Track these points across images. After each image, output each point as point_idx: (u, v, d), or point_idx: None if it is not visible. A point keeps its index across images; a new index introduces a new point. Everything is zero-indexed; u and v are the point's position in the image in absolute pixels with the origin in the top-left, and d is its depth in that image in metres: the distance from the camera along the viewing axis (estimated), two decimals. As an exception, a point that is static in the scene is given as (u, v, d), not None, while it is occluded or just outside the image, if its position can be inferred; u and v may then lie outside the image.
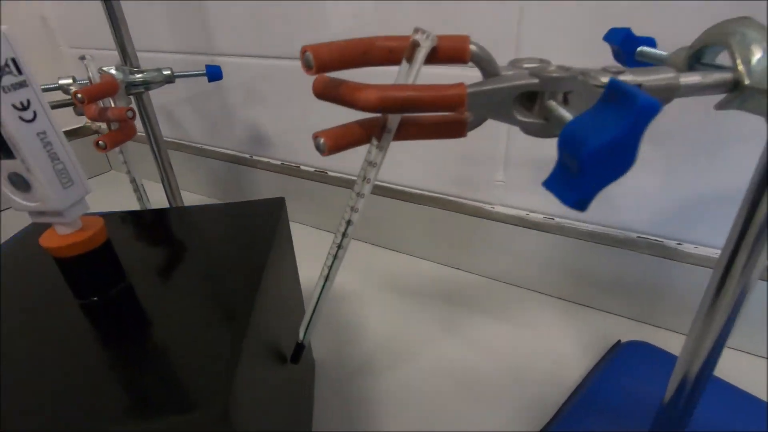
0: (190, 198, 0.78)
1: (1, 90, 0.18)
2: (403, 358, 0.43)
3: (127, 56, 0.50)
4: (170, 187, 0.57)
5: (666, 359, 0.39)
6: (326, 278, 0.25)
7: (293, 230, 0.36)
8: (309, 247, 0.47)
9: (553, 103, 0.17)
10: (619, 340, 0.42)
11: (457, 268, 0.56)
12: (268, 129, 0.64)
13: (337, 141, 0.20)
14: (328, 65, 0.18)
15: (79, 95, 0.31)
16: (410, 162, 0.54)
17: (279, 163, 0.66)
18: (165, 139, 0.53)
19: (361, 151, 0.21)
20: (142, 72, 0.49)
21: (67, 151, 0.21)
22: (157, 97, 0.51)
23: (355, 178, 0.21)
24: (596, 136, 0.13)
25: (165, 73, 0.50)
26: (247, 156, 0.69)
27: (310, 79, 0.20)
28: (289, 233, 0.35)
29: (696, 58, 0.23)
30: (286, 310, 0.32)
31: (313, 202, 0.65)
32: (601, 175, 0.13)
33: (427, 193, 0.54)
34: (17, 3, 0.76)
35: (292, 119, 0.61)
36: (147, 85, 0.49)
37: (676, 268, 0.41)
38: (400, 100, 0.18)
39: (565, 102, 0.18)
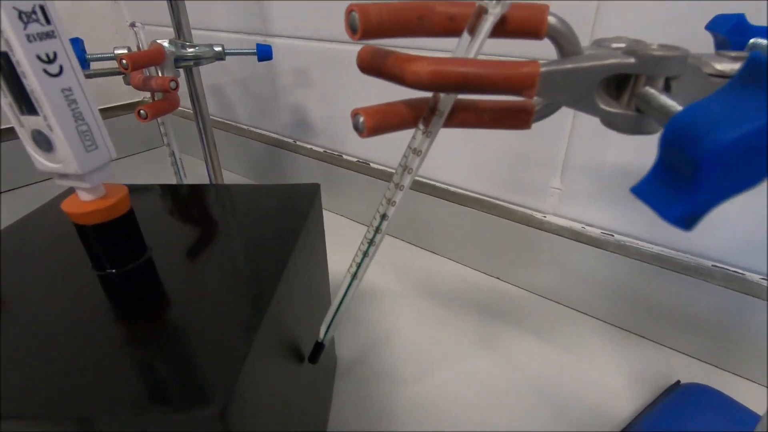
0: (231, 177, 0.79)
1: (26, 38, 0.17)
2: (431, 368, 0.40)
3: (180, 30, 0.50)
4: (212, 166, 0.57)
5: (732, 408, 0.34)
6: (354, 275, 0.23)
7: (330, 220, 0.34)
8: (344, 239, 0.45)
9: (651, 91, 0.14)
10: (679, 381, 0.37)
11: (498, 278, 0.52)
12: (314, 115, 0.63)
13: (378, 121, 0.17)
14: (376, 29, 0.16)
15: (124, 61, 0.31)
16: (455, 157, 0.50)
17: (322, 150, 0.64)
18: (211, 117, 0.53)
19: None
20: (193, 47, 0.48)
21: (94, 113, 0.20)
22: (207, 75, 0.51)
23: (393, 170, 0.19)
24: (729, 127, 0.09)
25: (216, 49, 0.49)
26: (291, 141, 0.68)
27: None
28: (321, 221, 0.33)
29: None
30: (310, 304, 0.30)
31: (352, 192, 0.63)
32: (726, 183, 0.10)
33: (471, 193, 0.51)
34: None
35: (340, 107, 0.59)
36: (197, 59, 0.49)
37: (758, 306, 0.36)
38: (457, 76, 0.16)
39: (667, 90, 0.14)
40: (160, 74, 0.38)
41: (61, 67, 0.18)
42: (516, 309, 0.47)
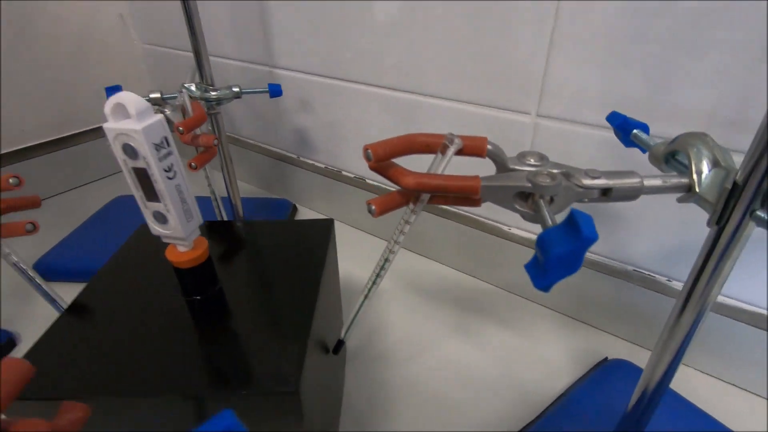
0: (242, 187, 0.88)
1: (157, 158, 0.27)
2: (419, 352, 0.51)
3: (204, 75, 0.58)
4: (229, 177, 0.65)
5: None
6: (365, 296, 0.33)
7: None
8: (344, 242, 0.55)
9: (541, 203, 0.24)
10: (606, 357, 0.49)
11: (473, 276, 0.63)
12: (315, 135, 0.72)
13: (383, 207, 0.27)
14: (383, 157, 0.26)
15: (181, 128, 0.40)
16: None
17: (323, 166, 0.74)
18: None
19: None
20: (216, 90, 0.57)
21: (190, 196, 0.30)
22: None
23: (391, 188, 0.27)
24: (556, 249, 0.20)
25: (234, 90, 0.58)
26: (294, 156, 0.77)
27: (359, 100, 0.27)
28: (335, 247, 0.43)
29: (671, 154, 0.29)
30: (330, 309, 0.41)
31: (351, 203, 0.73)
32: (559, 271, 0.20)
33: (458, 211, 0.61)
34: (100, 3, 0.86)
35: (340, 130, 0.68)
36: (219, 101, 0.58)
37: (664, 300, 0.47)
38: (431, 185, 0.26)
39: (551, 200, 0.25)
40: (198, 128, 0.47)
41: (175, 173, 0.28)
42: (487, 302, 0.59)
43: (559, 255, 0.20)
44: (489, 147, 0.26)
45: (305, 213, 0.80)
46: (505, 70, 0.47)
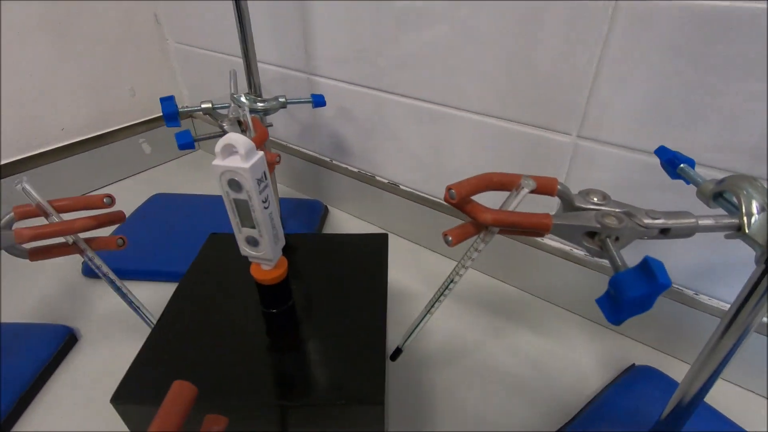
0: (278, 187, 0.91)
1: (257, 192, 0.29)
2: (456, 356, 0.55)
3: (253, 85, 0.61)
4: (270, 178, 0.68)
5: (669, 384, 0.49)
6: (428, 311, 0.36)
7: (364, 230, 0.46)
8: None
9: (608, 242, 0.27)
10: (634, 364, 0.52)
11: (504, 281, 0.66)
12: (350, 141, 0.75)
13: (459, 237, 0.30)
14: (464, 195, 0.29)
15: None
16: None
17: (356, 170, 0.76)
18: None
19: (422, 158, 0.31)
20: (264, 101, 0.59)
21: (278, 221, 0.33)
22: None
23: (423, 194, 0.29)
24: (631, 292, 0.23)
25: (281, 100, 0.61)
26: (328, 159, 0.80)
27: (396, 110, 0.29)
28: (387, 261, 0.46)
29: (720, 193, 0.32)
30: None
31: (384, 207, 0.75)
32: (632, 311, 0.23)
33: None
34: (136, 3, 0.88)
35: (375, 138, 0.71)
36: (266, 111, 0.60)
37: (691, 312, 0.50)
38: (507, 221, 0.29)
39: (617, 239, 0.28)
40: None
41: (269, 203, 0.31)
42: (518, 307, 0.62)
43: (634, 298, 0.23)
44: (559, 187, 0.29)
45: (336, 214, 0.82)
46: (549, 90, 0.49)
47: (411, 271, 0.68)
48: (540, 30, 0.47)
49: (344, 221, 0.81)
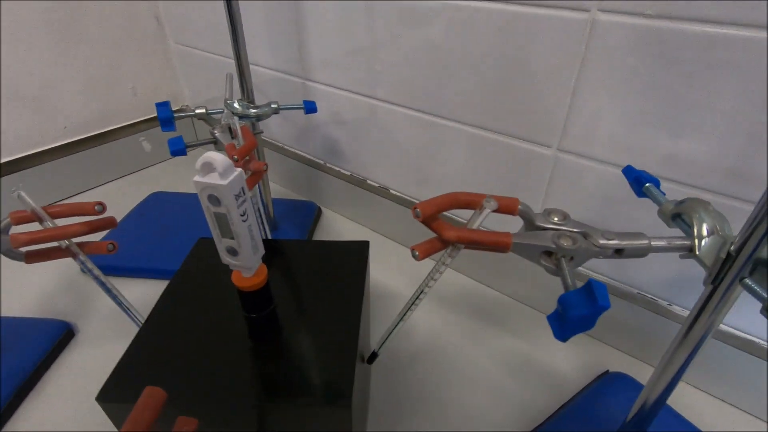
0: (272, 187, 0.92)
1: (236, 206, 0.31)
2: (436, 357, 0.57)
3: (246, 90, 0.62)
4: (262, 180, 0.70)
5: (640, 390, 0.50)
6: (401, 318, 0.38)
7: (356, 232, 0.47)
8: (370, 248, 0.58)
9: (563, 262, 0.29)
10: (608, 370, 0.54)
11: (488, 286, 0.68)
12: (343, 145, 0.76)
13: (426, 252, 0.32)
14: (430, 214, 0.30)
15: (236, 157, 0.44)
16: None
17: (349, 173, 0.78)
18: (266, 156, 0.66)
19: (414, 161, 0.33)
20: (257, 107, 0.61)
21: (257, 233, 0.34)
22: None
23: (410, 198, 0.31)
24: (575, 311, 0.24)
25: (273, 106, 0.62)
26: (322, 162, 0.81)
27: (387, 118, 0.31)
28: (368, 267, 0.48)
29: (678, 214, 0.33)
30: (365, 321, 0.46)
31: (374, 209, 0.77)
32: (575, 329, 0.25)
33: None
34: (138, 3, 0.89)
35: (367, 143, 0.72)
36: (258, 117, 0.62)
37: (664, 321, 0.52)
38: (468, 239, 0.30)
39: (572, 259, 0.29)
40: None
41: (247, 216, 0.33)
42: (499, 311, 0.64)
43: (577, 317, 0.24)
44: (520, 207, 0.31)
45: (330, 215, 0.84)
46: (530, 104, 0.51)
47: (399, 273, 0.70)
48: (523, 44, 0.48)
49: (337, 223, 0.83)
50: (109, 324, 0.60)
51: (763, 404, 0.49)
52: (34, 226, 0.38)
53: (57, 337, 0.56)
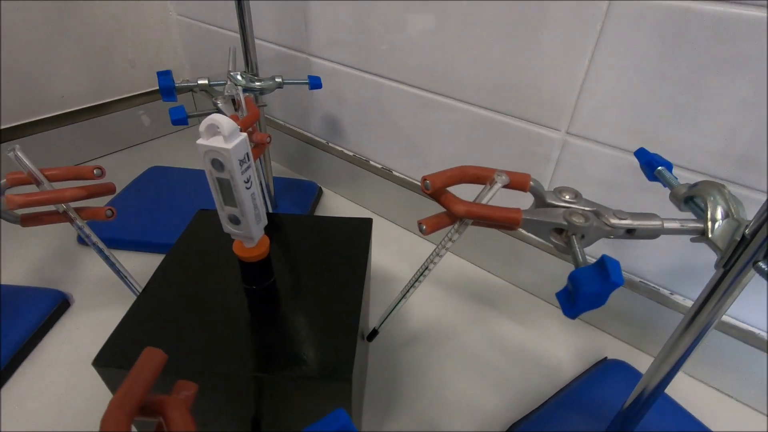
0: (273, 166, 0.91)
1: (240, 172, 0.30)
2: (436, 340, 0.56)
3: (249, 63, 0.61)
4: (263, 158, 0.69)
5: (637, 378, 0.50)
6: (403, 296, 0.37)
7: (357, 213, 0.47)
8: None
9: (573, 239, 0.28)
10: (606, 357, 0.54)
11: (491, 273, 0.67)
12: (346, 124, 0.75)
13: (433, 227, 0.31)
14: (439, 186, 0.29)
15: (239, 127, 0.43)
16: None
17: (351, 154, 0.77)
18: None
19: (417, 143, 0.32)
20: (260, 80, 0.60)
21: (260, 201, 0.34)
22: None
23: (414, 181, 0.30)
24: (586, 288, 0.24)
25: (277, 80, 0.61)
26: (324, 141, 0.80)
27: (391, 96, 0.30)
28: (370, 244, 0.47)
29: (691, 197, 0.33)
30: (365, 299, 0.45)
31: (376, 191, 0.76)
32: (586, 306, 0.24)
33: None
34: (140, -28, 0.87)
35: (370, 122, 0.71)
36: (262, 91, 0.60)
37: (665, 310, 0.52)
38: (478, 214, 0.30)
39: (582, 237, 0.29)
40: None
41: (251, 183, 0.32)
42: (500, 297, 0.63)
43: (588, 293, 0.24)
44: (531, 183, 0.30)
45: (330, 196, 0.83)
46: (540, 85, 0.50)
47: (400, 255, 0.69)
48: (536, 26, 0.47)
49: (338, 204, 0.82)
50: (105, 294, 0.60)
51: (761, 395, 0.49)
52: (31, 189, 0.37)
53: (52, 306, 0.56)
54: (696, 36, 0.39)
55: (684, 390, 0.51)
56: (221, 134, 0.29)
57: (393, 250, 0.70)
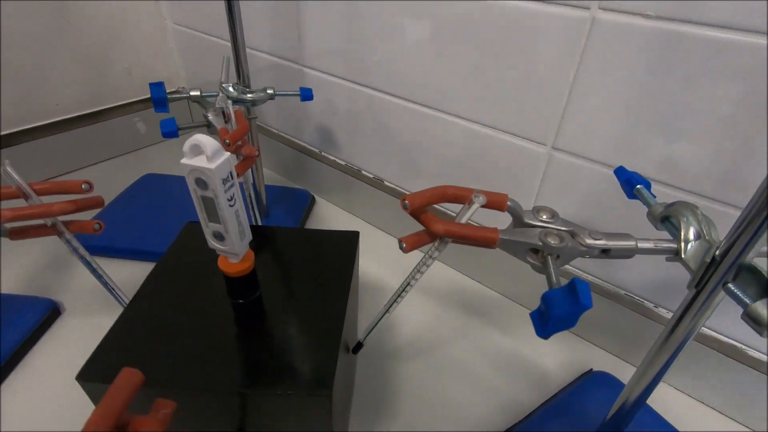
0: (265, 174, 0.92)
1: (223, 191, 0.31)
2: (424, 351, 0.57)
3: (241, 75, 0.61)
4: (256, 166, 0.69)
5: (620, 389, 0.51)
6: (387, 310, 0.38)
7: (349, 222, 0.47)
8: (361, 238, 0.58)
9: (549, 260, 0.29)
10: (591, 369, 0.55)
11: (481, 283, 0.68)
12: (338, 134, 0.76)
13: (413, 245, 0.32)
14: (418, 206, 0.30)
15: (227, 141, 0.44)
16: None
17: (343, 163, 0.78)
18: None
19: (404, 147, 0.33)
20: (252, 92, 0.60)
21: (244, 218, 0.34)
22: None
23: (404, 191, 0.31)
24: (557, 310, 0.24)
25: (269, 92, 0.61)
26: (317, 150, 0.81)
27: (383, 108, 0.30)
28: (358, 256, 0.48)
29: (666, 216, 0.33)
30: (351, 311, 0.46)
31: (368, 200, 0.77)
32: (557, 327, 0.25)
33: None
34: (137, -19, 0.88)
35: (362, 132, 0.72)
36: (254, 102, 0.61)
37: (650, 323, 0.52)
38: (457, 233, 0.30)
39: (558, 257, 0.29)
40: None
41: (235, 201, 0.32)
42: (489, 307, 0.64)
43: (559, 315, 0.24)
44: (509, 203, 0.31)
45: (323, 205, 0.84)
46: (527, 100, 0.50)
47: (391, 264, 0.70)
48: (522, 39, 0.48)
49: (330, 212, 0.82)
50: (96, 303, 0.60)
51: (742, 407, 0.50)
52: (20, 203, 0.37)
53: (43, 314, 0.56)
54: (680, 55, 0.40)
55: (668, 401, 0.52)
56: (204, 154, 0.29)
57: (384, 260, 0.71)
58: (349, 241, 0.46)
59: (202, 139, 0.29)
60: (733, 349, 0.48)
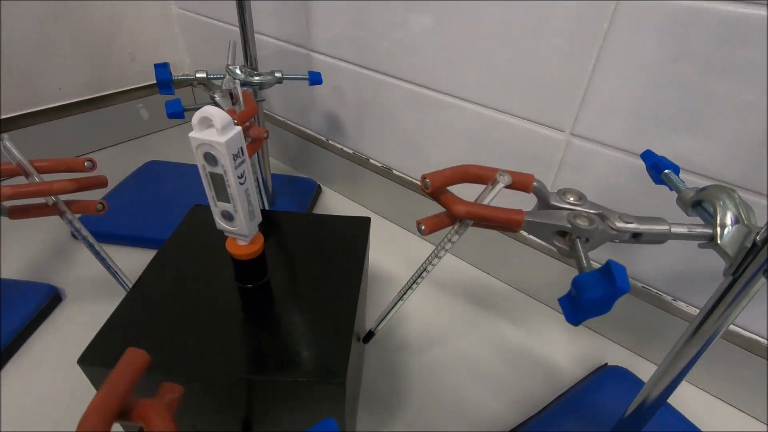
0: (272, 163, 0.90)
1: (233, 167, 0.29)
2: (434, 343, 0.55)
3: (249, 58, 0.60)
4: (262, 154, 0.68)
5: (638, 385, 0.49)
6: (401, 298, 0.36)
7: (356, 212, 0.46)
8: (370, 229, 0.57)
9: (577, 243, 0.27)
10: (606, 363, 0.53)
11: (491, 275, 0.66)
12: (346, 121, 0.74)
13: (432, 227, 0.30)
14: (439, 186, 0.28)
15: (235, 121, 0.42)
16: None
17: (351, 151, 0.76)
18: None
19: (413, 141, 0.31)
20: (260, 75, 0.59)
21: (255, 198, 0.33)
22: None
23: (414, 180, 0.29)
24: (590, 293, 0.23)
25: (276, 75, 0.60)
26: (323, 139, 0.79)
27: (393, 93, 0.29)
28: (368, 244, 0.46)
29: (698, 201, 0.32)
30: (362, 300, 0.44)
31: (376, 190, 0.75)
32: (590, 312, 0.23)
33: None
34: (141, -36, 0.86)
35: (371, 120, 0.70)
36: (261, 85, 0.59)
37: (668, 317, 0.51)
38: (479, 214, 0.29)
39: (587, 240, 0.28)
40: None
41: (245, 179, 0.31)
42: (500, 300, 0.62)
43: (593, 299, 0.23)
44: (535, 184, 0.29)
45: (329, 194, 0.82)
46: (545, 85, 0.49)
47: (398, 255, 0.68)
48: (542, 25, 0.46)
49: (336, 202, 0.81)
50: (98, 290, 0.59)
51: (763, 404, 0.48)
52: (20, 181, 0.36)
53: (44, 300, 0.55)
54: (703, 38, 0.38)
55: (687, 398, 0.50)
56: (214, 127, 0.28)
57: (392, 250, 0.69)
58: (360, 227, 0.44)
59: (212, 110, 0.27)
60: (754, 344, 0.46)
